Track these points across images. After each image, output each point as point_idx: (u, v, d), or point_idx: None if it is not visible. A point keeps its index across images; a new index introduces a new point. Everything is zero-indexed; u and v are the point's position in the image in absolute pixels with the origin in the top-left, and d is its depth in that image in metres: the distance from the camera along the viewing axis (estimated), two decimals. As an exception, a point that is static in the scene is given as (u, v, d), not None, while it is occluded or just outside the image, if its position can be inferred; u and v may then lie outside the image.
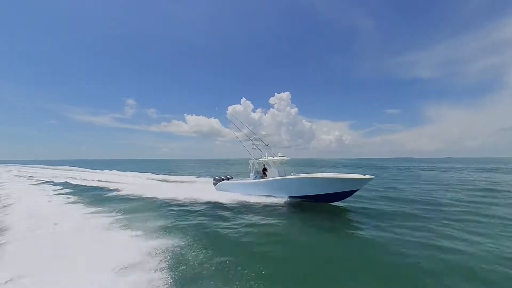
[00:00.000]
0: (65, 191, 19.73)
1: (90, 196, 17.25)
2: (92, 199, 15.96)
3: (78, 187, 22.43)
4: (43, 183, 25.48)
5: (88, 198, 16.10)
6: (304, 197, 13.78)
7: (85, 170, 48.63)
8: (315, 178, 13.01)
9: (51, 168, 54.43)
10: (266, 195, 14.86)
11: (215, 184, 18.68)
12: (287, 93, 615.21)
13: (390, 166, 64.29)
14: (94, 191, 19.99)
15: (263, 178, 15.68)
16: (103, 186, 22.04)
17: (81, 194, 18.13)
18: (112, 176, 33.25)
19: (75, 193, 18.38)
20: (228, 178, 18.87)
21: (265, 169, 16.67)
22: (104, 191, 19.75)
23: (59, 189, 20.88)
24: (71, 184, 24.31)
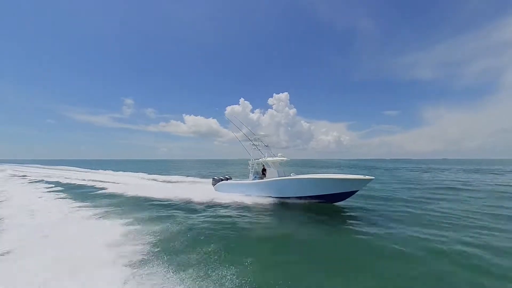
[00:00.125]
0: (56, 189, 21.09)
1: (77, 193, 18.62)
2: (79, 196, 17.29)
3: (68, 185, 23.75)
4: (36, 182, 26.63)
5: (76, 195, 17.41)
6: (304, 197, 13.68)
7: (80, 170, 49.61)
8: (315, 178, 12.94)
9: (46, 168, 55.28)
10: (266, 196, 14.75)
11: (214, 184, 18.36)
12: (285, 93, 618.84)
13: (378, 167, 65.84)
14: (82, 189, 21.31)
15: (263, 179, 15.58)
16: (91, 185, 23.33)
17: (70, 191, 19.50)
18: (105, 176, 34.26)
19: (64, 191, 19.72)
20: (227, 179, 18.75)
21: (264, 170, 16.61)
22: (92, 189, 21.06)
23: (50, 187, 22.23)
24: (62, 183, 25.56)
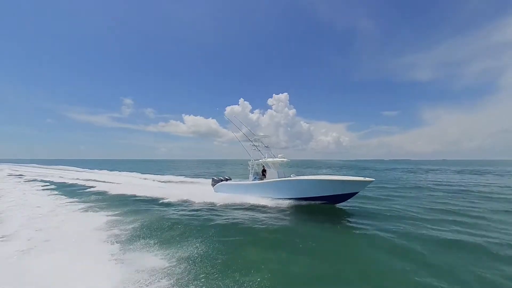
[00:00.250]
0: (49, 187, 22.70)
1: (68, 191, 20.20)
2: (69, 193, 18.87)
3: (61, 184, 25.20)
4: (31, 180, 28.05)
5: (66, 192, 19.03)
6: (304, 198, 13.62)
7: (76, 169, 50.83)
8: (315, 180, 12.84)
9: (43, 168, 56.47)
10: (265, 197, 14.62)
11: (213, 185, 18.25)
12: (285, 94, 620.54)
13: (369, 167, 67.23)
14: (73, 187, 22.83)
15: (262, 180, 15.58)
16: (82, 184, 24.75)
17: (61, 189, 21.12)
18: (99, 175, 35.46)
19: (56, 189, 21.31)
20: (227, 179, 18.68)
21: (264, 171, 16.56)
22: (82, 187, 22.51)
23: (44, 185, 23.77)
24: (55, 181, 26.98)
